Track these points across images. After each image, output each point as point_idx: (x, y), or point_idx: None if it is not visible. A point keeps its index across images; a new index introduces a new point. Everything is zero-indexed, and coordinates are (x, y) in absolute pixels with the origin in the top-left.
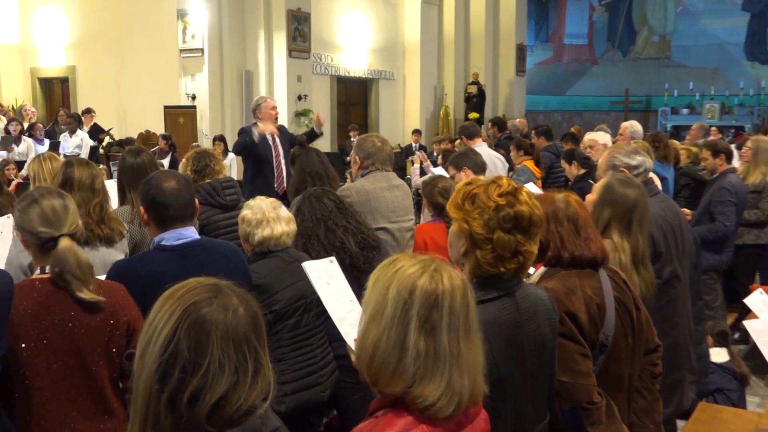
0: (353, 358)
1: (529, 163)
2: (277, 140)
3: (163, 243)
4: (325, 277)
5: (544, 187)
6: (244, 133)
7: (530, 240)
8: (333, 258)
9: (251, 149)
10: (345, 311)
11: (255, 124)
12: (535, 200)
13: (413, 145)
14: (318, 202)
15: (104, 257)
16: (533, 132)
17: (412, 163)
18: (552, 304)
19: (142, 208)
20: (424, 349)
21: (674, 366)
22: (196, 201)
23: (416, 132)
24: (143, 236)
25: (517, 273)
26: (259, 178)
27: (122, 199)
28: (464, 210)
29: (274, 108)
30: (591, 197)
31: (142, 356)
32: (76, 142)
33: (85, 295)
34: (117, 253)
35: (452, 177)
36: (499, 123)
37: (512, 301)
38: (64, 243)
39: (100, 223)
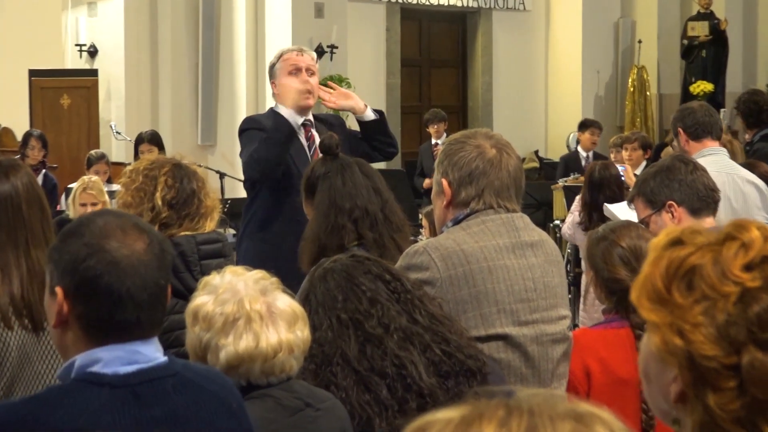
0: None
1: None
2: (317, 139)
3: (95, 370)
4: None
5: None
6: (256, 125)
7: None
8: None
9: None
10: None
11: (276, 108)
12: None
13: (582, 154)
14: (347, 285)
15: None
16: None
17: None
18: None
19: (59, 292)
20: None
21: None
22: (169, 287)
23: (591, 126)
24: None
25: None
26: (278, 222)
27: None
28: (672, 303)
29: (298, 68)
30: None
31: None
32: None
33: None
34: None
35: (644, 221)
36: (753, 105)
37: None
38: None
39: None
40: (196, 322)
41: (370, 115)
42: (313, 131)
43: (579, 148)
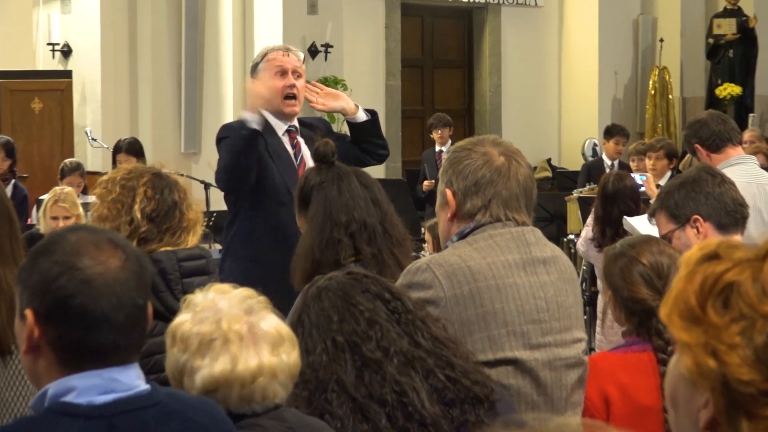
0: None
1: None
2: (303, 146)
3: (69, 399)
4: None
5: None
6: (233, 133)
7: None
8: None
9: (250, 167)
10: None
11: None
12: None
13: (607, 162)
14: (343, 304)
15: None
16: None
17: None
18: None
19: (29, 315)
20: None
21: None
22: (150, 307)
23: (616, 134)
24: None
25: None
26: (262, 238)
27: None
28: (706, 322)
29: (284, 71)
30: None
31: None
32: None
33: None
34: None
35: (667, 236)
36: None
37: None
38: None
39: None
40: (174, 342)
41: (362, 117)
42: (299, 138)
43: (604, 156)
